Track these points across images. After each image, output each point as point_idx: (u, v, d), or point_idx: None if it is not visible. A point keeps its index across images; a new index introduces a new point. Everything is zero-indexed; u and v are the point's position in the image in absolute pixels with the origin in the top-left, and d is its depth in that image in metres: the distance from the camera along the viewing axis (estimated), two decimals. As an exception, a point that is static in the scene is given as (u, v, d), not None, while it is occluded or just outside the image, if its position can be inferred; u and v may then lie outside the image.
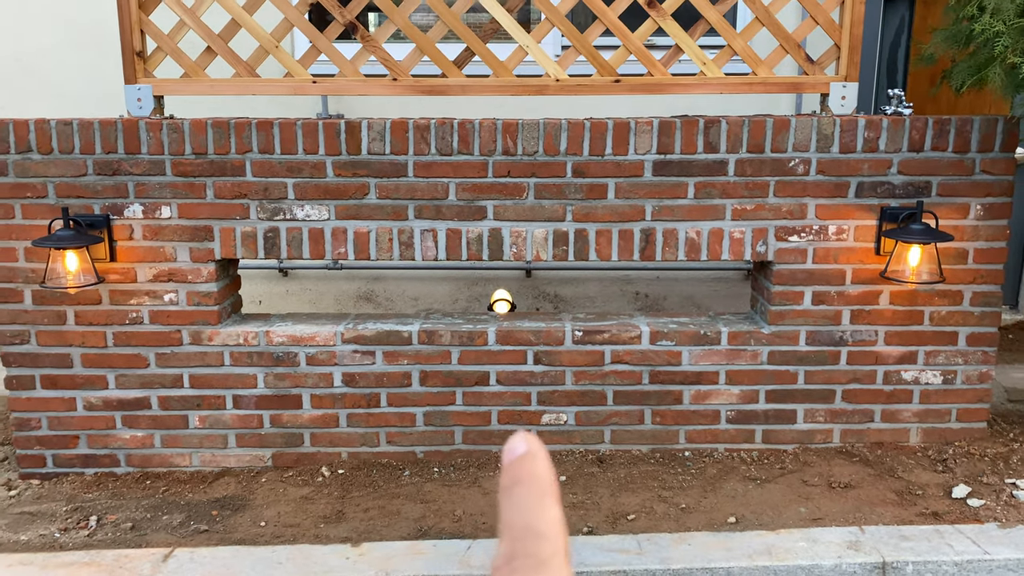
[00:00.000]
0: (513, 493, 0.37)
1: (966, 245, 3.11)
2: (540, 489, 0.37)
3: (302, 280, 4.74)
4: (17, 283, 3.19)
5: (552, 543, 0.36)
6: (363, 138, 3.12)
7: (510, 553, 0.35)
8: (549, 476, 0.38)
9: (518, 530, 0.36)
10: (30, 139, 3.10)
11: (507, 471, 0.38)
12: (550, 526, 0.36)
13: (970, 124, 3.03)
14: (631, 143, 3.12)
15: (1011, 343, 4.30)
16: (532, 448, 0.39)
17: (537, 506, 0.37)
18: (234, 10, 3.13)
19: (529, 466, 0.38)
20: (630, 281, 4.70)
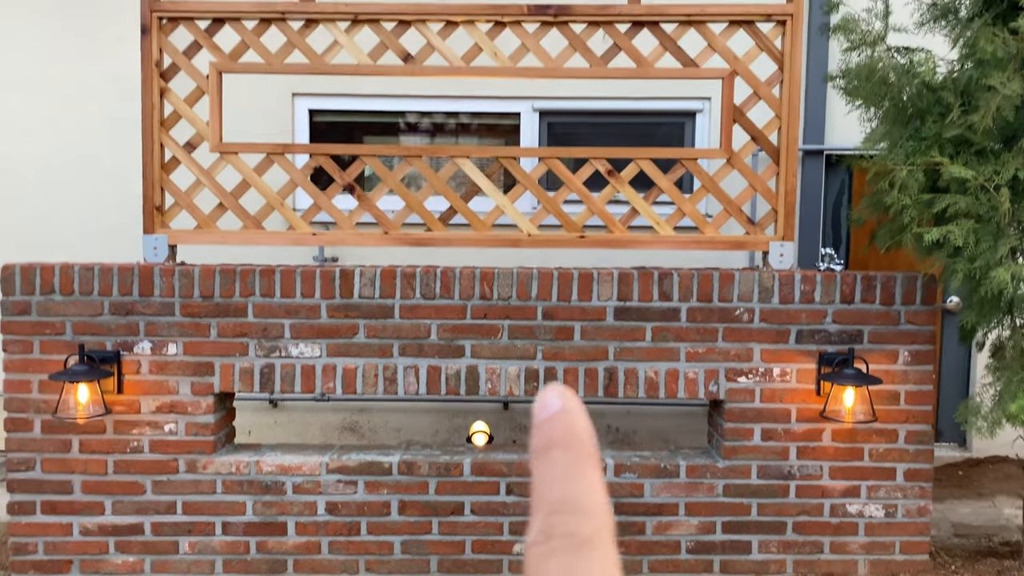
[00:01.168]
0: (548, 458, 0.32)
1: (897, 388, 3.43)
2: (579, 454, 0.32)
3: (290, 411, 4.99)
4: (29, 413, 3.45)
5: (595, 519, 0.31)
6: (355, 284, 3.48)
7: (547, 530, 0.31)
8: (591, 438, 0.33)
9: (555, 503, 0.31)
10: (54, 282, 3.45)
11: (540, 431, 0.33)
12: (593, 498, 0.32)
13: (893, 280, 3.43)
14: (594, 291, 3.49)
15: (960, 479, 4.55)
16: (569, 404, 0.33)
17: (577, 474, 0.32)
18: (245, 171, 3.56)
19: (566, 425, 0.33)
20: (602, 415, 4.97)
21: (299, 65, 3.55)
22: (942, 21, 3.43)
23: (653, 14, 3.48)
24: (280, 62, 3.53)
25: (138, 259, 4.24)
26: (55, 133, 4.95)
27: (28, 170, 4.97)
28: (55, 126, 4.95)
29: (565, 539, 0.30)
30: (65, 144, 4.95)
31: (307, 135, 4.97)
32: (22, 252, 4.72)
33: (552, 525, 0.31)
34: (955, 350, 4.86)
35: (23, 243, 4.92)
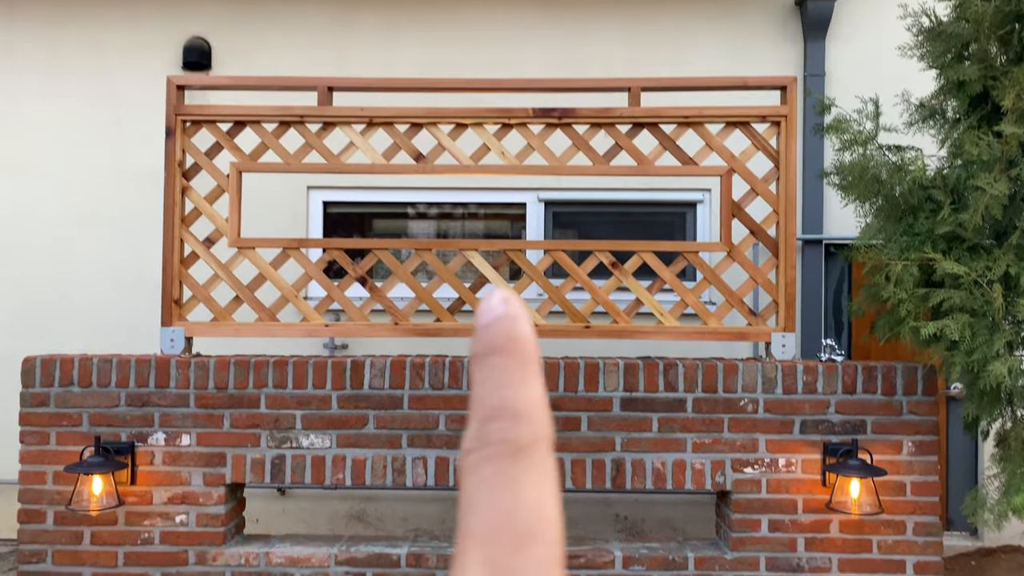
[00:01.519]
0: (487, 363, 0.31)
1: (903, 478, 3.45)
2: (521, 359, 0.31)
3: (298, 499, 5.00)
4: (42, 504, 3.49)
5: (532, 426, 0.30)
6: (366, 375, 3.55)
7: (482, 436, 0.30)
8: (532, 343, 0.32)
9: (492, 409, 0.30)
10: (73, 374, 3.53)
11: (481, 335, 0.32)
12: (531, 405, 0.31)
13: (894, 370, 3.49)
14: (601, 381, 3.56)
15: (973, 570, 4.50)
16: (512, 309, 0.32)
17: (517, 380, 0.31)
18: (262, 265, 3.69)
19: (508, 330, 0.32)
20: (610, 504, 4.96)
21: (316, 165, 3.71)
22: (930, 121, 3.59)
23: (653, 116, 3.65)
24: (298, 161, 3.70)
25: (154, 350, 4.34)
26: (78, 224, 5.12)
27: (48, 258, 5.12)
28: (78, 216, 5.13)
29: (501, 445, 0.29)
30: (85, 234, 5.12)
31: (320, 225, 5.13)
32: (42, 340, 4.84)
33: (488, 431, 0.30)
34: (962, 437, 4.88)
35: (41, 331, 5.04)
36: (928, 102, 3.59)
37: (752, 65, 5.00)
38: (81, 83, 5.16)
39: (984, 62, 3.24)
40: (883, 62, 4.71)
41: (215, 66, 5.13)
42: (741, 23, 5.06)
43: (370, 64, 5.09)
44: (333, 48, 5.13)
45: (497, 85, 3.77)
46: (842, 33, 4.99)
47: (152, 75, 5.11)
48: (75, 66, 5.17)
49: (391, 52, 5.12)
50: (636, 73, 4.98)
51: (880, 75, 4.73)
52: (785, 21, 5.04)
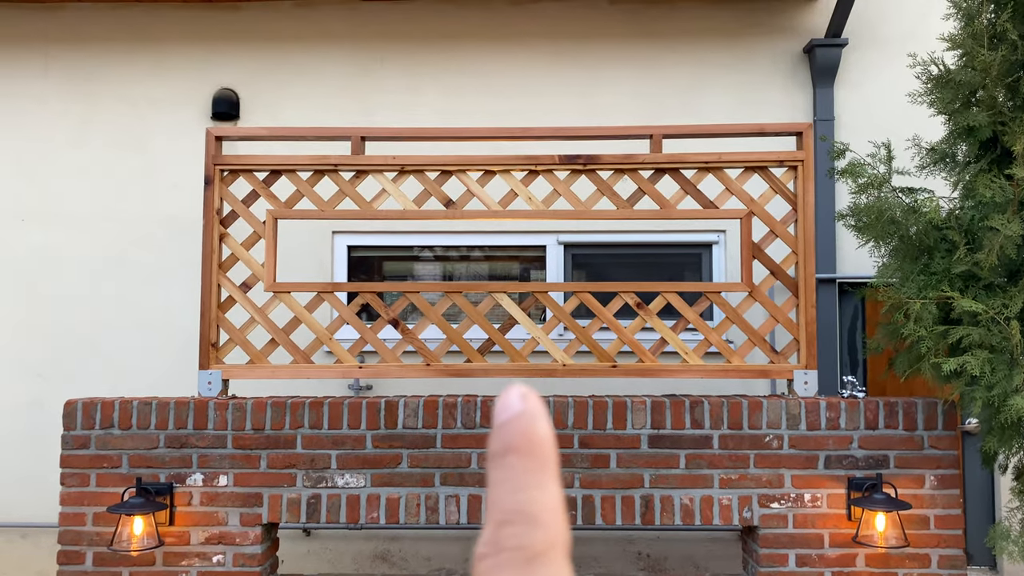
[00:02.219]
0: (504, 464, 0.31)
1: (927, 512, 3.53)
2: (539, 460, 0.31)
3: (323, 540, 5.04)
4: (82, 546, 3.55)
5: (548, 531, 0.30)
6: (399, 414, 3.64)
7: (497, 541, 0.30)
8: (550, 444, 0.31)
9: (507, 512, 0.30)
10: (113, 416, 3.62)
11: (498, 433, 0.32)
12: (547, 510, 0.30)
13: (915, 406, 3.58)
14: (628, 419, 3.64)
15: (995, 603, 4.54)
16: (531, 407, 0.32)
17: (533, 483, 0.30)
18: (297, 309, 3.80)
19: (526, 429, 0.31)
20: (632, 541, 5.01)
21: (350, 211, 3.84)
22: (941, 165, 3.73)
23: (674, 161, 3.79)
24: (332, 208, 3.83)
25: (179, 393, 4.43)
26: (107, 269, 5.24)
27: (77, 304, 5.23)
28: (107, 262, 5.25)
29: (515, 552, 0.29)
30: (114, 280, 5.24)
31: (345, 269, 5.25)
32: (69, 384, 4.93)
33: (503, 537, 0.29)
34: (978, 472, 4.94)
35: (69, 375, 5.13)
36: (939, 146, 3.73)
37: (763, 110, 5.18)
38: (113, 133, 5.33)
39: (992, 108, 3.39)
40: (890, 107, 4.88)
41: (243, 116, 5.29)
42: (752, 70, 5.24)
43: (393, 112, 5.26)
44: (356, 97, 5.31)
45: (523, 133, 3.92)
46: (850, 79, 5.17)
47: (181, 125, 5.28)
48: (107, 116, 5.33)
49: (413, 100, 5.29)
50: (650, 119, 5.16)
51: (888, 119, 4.90)
52: (794, 68, 5.23)
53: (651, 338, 4.18)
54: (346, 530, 5.00)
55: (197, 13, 5.38)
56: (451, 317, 5.03)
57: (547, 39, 5.34)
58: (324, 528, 5.00)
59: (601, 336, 4.31)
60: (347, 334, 4.89)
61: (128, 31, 5.38)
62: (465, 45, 5.35)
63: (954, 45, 3.54)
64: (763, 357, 3.91)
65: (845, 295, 5.16)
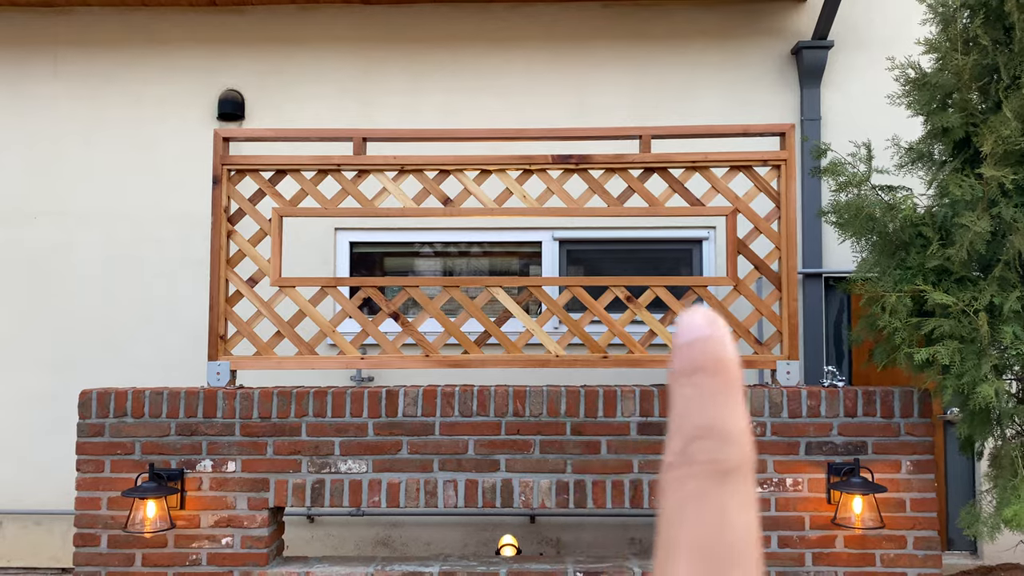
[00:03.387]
0: (692, 382, 0.30)
1: (902, 495, 3.70)
2: (727, 380, 0.30)
3: (327, 526, 5.22)
4: (97, 529, 3.73)
5: (741, 449, 0.30)
6: (400, 403, 3.81)
7: (689, 453, 0.29)
8: (738, 368, 0.32)
9: (699, 428, 0.29)
10: (126, 406, 3.79)
11: (684, 353, 0.31)
12: (739, 428, 0.30)
13: (892, 395, 3.75)
14: (618, 407, 3.81)
15: (974, 586, 4.71)
16: (718, 332, 0.32)
17: (723, 401, 0.30)
18: (301, 303, 3.97)
19: (715, 350, 0.31)
20: (626, 527, 5.18)
21: (352, 209, 4.01)
22: (919, 164, 3.90)
23: (662, 161, 3.95)
24: (335, 206, 4.00)
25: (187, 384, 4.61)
26: (116, 265, 5.41)
27: (88, 298, 5.41)
28: (117, 258, 5.42)
29: (708, 465, 0.29)
30: (123, 275, 5.41)
31: (347, 264, 5.42)
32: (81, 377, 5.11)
33: (695, 450, 0.29)
34: (960, 460, 5.11)
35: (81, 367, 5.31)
36: (916, 146, 3.90)
37: (754, 109, 5.34)
38: (121, 133, 5.49)
39: (965, 110, 3.56)
40: (874, 107, 5.03)
41: (248, 116, 5.46)
42: (742, 71, 5.40)
43: (395, 111, 5.42)
44: (359, 98, 5.47)
45: (518, 134, 4.08)
46: (835, 80, 5.33)
47: (188, 125, 5.45)
48: (116, 117, 5.50)
49: (415, 100, 5.45)
50: (644, 117, 5.32)
51: (871, 119, 5.05)
52: (783, 69, 5.39)
53: (641, 330, 4.34)
54: (349, 517, 5.18)
55: (203, 16, 5.54)
56: (449, 310, 5.21)
57: (543, 40, 5.50)
58: (327, 515, 5.18)
59: (593, 329, 4.48)
60: (350, 327, 5.06)
61: (136, 34, 5.55)
62: (464, 47, 5.51)
63: (930, 49, 3.70)
64: (748, 349, 4.08)
65: (831, 290, 5.32)
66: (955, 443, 4.93)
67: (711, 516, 0.29)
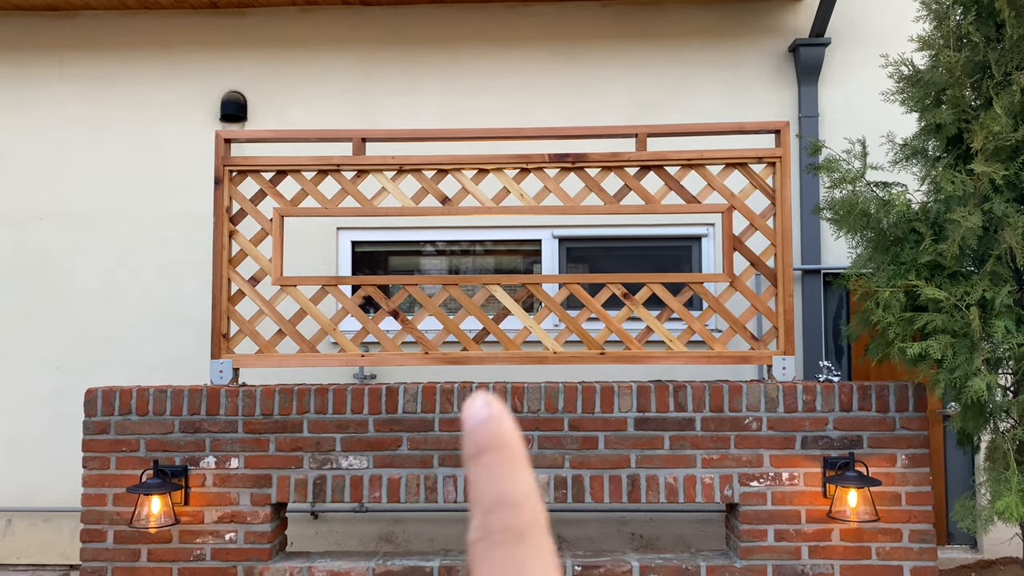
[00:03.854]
0: (480, 462, 0.34)
1: (898, 489, 3.73)
2: (509, 455, 0.34)
3: (330, 522, 5.28)
4: (103, 524, 3.79)
5: (529, 513, 0.33)
6: (400, 400, 3.86)
7: (486, 526, 0.33)
8: (517, 439, 0.35)
9: (491, 502, 0.33)
10: (131, 403, 3.86)
11: (470, 438, 0.35)
12: (525, 495, 0.34)
13: (887, 389, 3.78)
14: (615, 403, 3.85)
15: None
16: (495, 411, 0.35)
17: (508, 474, 0.34)
18: (303, 301, 4.02)
19: (495, 430, 0.35)
20: (626, 523, 5.22)
21: (351, 209, 4.06)
22: (913, 160, 3.92)
23: (658, 159, 3.99)
24: (335, 206, 4.05)
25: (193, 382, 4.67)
26: (123, 265, 5.48)
27: (95, 298, 5.48)
28: (123, 258, 5.49)
29: (504, 533, 0.32)
30: (129, 275, 5.48)
31: (349, 263, 5.47)
32: (88, 375, 5.17)
33: (490, 522, 0.33)
34: (958, 454, 5.13)
35: (88, 366, 5.38)
36: (910, 142, 3.92)
37: (752, 107, 5.37)
38: (126, 135, 5.56)
39: (958, 107, 3.58)
40: (870, 104, 5.06)
41: (250, 117, 5.52)
42: (739, 69, 5.43)
43: (395, 111, 5.47)
44: (359, 99, 5.52)
45: (515, 134, 4.12)
46: (832, 77, 5.36)
47: (191, 126, 5.51)
48: (120, 119, 5.57)
49: (414, 101, 5.50)
50: (642, 116, 5.35)
51: (867, 115, 5.08)
52: (780, 66, 5.41)
53: (638, 327, 4.38)
54: (352, 513, 5.23)
55: (206, 19, 5.60)
56: (449, 308, 5.25)
57: (542, 40, 5.54)
58: (331, 511, 5.23)
59: (590, 325, 4.52)
60: (350, 325, 5.12)
61: (140, 37, 5.61)
62: (463, 47, 5.56)
63: (924, 45, 3.73)
64: (745, 344, 4.11)
65: (829, 285, 5.35)
66: (954, 437, 4.95)
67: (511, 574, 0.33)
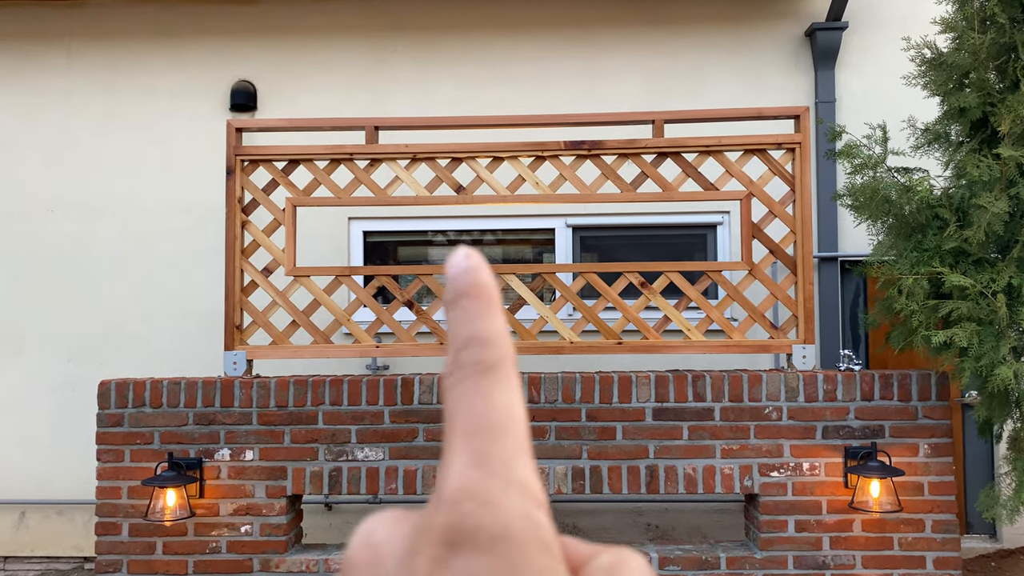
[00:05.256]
0: (458, 305, 0.36)
1: (920, 479, 3.68)
2: (485, 300, 0.36)
3: (344, 514, 5.26)
4: (118, 517, 3.77)
5: (499, 348, 0.35)
6: (415, 391, 3.83)
7: (457, 361, 0.35)
8: (493, 287, 0.37)
9: (464, 339, 0.35)
10: (145, 396, 3.83)
11: (450, 285, 0.37)
12: (496, 333, 0.36)
13: (909, 378, 3.72)
14: (633, 393, 3.81)
15: (993, 571, 4.69)
16: (474, 262, 0.38)
17: (482, 316, 0.36)
18: (316, 292, 3.98)
19: (472, 278, 0.37)
20: (641, 513, 5.19)
21: (365, 198, 4.01)
22: (935, 144, 3.85)
23: (675, 146, 3.93)
24: (347, 195, 4.01)
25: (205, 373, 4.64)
26: (133, 256, 5.45)
27: (106, 289, 5.45)
28: (133, 249, 5.46)
29: (472, 366, 0.34)
30: (140, 266, 5.45)
31: (361, 252, 5.43)
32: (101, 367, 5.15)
33: (462, 357, 0.35)
34: (978, 443, 5.08)
35: (101, 358, 5.36)
36: (932, 127, 3.85)
37: (767, 93, 5.29)
38: (135, 125, 5.52)
39: (983, 90, 3.51)
40: (889, 88, 4.98)
41: (260, 107, 5.47)
42: (755, 54, 5.36)
43: (406, 98, 5.42)
44: (370, 87, 5.47)
45: (529, 121, 4.06)
46: (850, 62, 5.28)
47: (201, 116, 5.47)
48: (129, 109, 5.53)
49: (425, 87, 5.44)
50: (655, 102, 5.29)
51: (886, 100, 5.01)
52: (796, 51, 5.33)
53: (655, 316, 4.33)
54: (366, 504, 5.21)
55: (214, 8, 5.54)
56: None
57: (554, 26, 5.47)
58: (345, 503, 5.21)
59: (607, 315, 4.47)
60: (364, 316, 5.08)
61: (148, 26, 5.56)
62: (475, 34, 5.49)
63: (947, 28, 3.65)
64: (763, 333, 4.06)
65: (847, 273, 5.28)
66: (973, 426, 4.89)
67: (479, 402, 0.34)
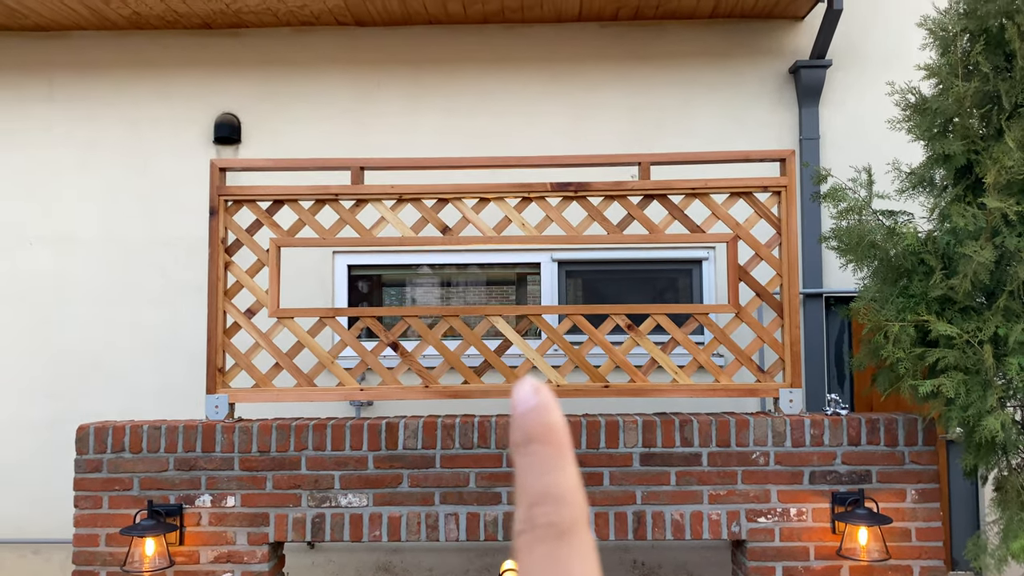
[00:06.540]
0: (528, 452, 0.34)
1: (908, 525, 3.67)
2: (556, 446, 0.34)
3: (327, 552, 5.18)
4: (95, 566, 3.69)
5: (572, 509, 0.33)
6: (400, 436, 3.78)
7: (530, 519, 0.33)
8: (565, 430, 0.35)
9: (537, 494, 0.33)
10: (124, 440, 3.76)
11: (519, 425, 0.35)
12: (570, 490, 0.34)
13: (895, 422, 3.72)
14: (620, 438, 3.78)
15: (979, 608, 4.68)
16: (544, 399, 0.35)
17: (555, 467, 0.34)
18: (300, 334, 3.93)
19: (543, 419, 0.34)
20: (627, 550, 5.15)
21: (350, 239, 3.98)
22: (920, 188, 3.87)
23: (662, 188, 3.92)
24: (332, 236, 3.97)
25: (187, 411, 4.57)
26: (114, 290, 5.37)
27: (86, 324, 5.37)
28: (114, 283, 5.38)
29: (547, 528, 0.33)
30: (121, 301, 5.37)
31: (346, 287, 5.39)
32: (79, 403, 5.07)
33: (535, 515, 0.33)
34: (962, 480, 5.08)
35: (79, 394, 5.27)
36: (917, 170, 3.87)
37: (752, 129, 5.31)
38: (117, 156, 5.46)
39: (967, 137, 3.53)
40: (873, 126, 5.02)
41: (244, 140, 5.43)
42: (741, 90, 5.38)
43: (392, 133, 5.40)
44: (356, 120, 5.44)
45: (516, 162, 4.05)
46: (834, 99, 5.31)
47: (184, 148, 5.42)
48: (111, 141, 5.47)
49: (411, 123, 5.43)
50: (641, 137, 5.30)
51: (871, 138, 5.04)
52: (780, 88, 5.37)
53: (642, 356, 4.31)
54: (349, 542, 5.14)
55: (198, 40, 5.51)
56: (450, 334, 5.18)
57: (541, 62, 5.47)
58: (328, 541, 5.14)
59: (594, 354, 4.44)
60: (349, 355, 5.03)
61: (131, 57, 5.52)
62: (461, 69, 5.49)
63: (931, 74, 3.68)
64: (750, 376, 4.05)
65: (831, 310, 5.30)
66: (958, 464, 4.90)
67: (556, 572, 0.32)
